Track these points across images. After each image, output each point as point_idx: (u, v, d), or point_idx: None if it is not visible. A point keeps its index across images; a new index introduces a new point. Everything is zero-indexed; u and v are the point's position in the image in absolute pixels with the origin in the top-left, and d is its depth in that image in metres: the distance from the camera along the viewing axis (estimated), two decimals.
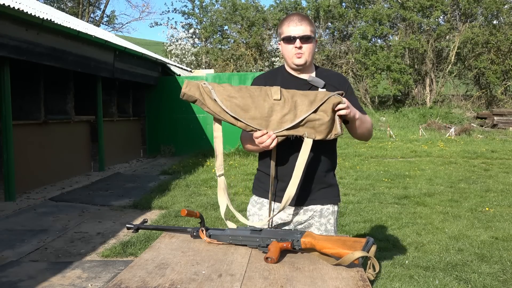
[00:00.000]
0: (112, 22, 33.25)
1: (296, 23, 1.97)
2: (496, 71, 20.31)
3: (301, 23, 1.97)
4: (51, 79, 8.74)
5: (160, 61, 13.18)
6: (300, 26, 1.96)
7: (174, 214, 5.65)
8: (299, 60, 1.99)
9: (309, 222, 2.04)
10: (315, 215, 2.04)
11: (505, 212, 5.63)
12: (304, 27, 1.96)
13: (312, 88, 1.99)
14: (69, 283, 3.64)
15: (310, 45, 1.98)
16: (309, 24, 1.98)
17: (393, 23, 21.76)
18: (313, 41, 2.01)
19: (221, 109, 1.69)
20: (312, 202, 2.02)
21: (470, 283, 3.45)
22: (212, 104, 1.71)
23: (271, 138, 1.68)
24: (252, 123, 1.68)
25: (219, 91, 1.71)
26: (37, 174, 7.84)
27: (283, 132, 1.69)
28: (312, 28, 2.00)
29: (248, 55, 22.49)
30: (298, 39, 1.96)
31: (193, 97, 1.73)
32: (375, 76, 20.49)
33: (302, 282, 1.32)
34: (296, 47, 1.96)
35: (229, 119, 1.70)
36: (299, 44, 1.96)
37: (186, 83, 1.74)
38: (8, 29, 6.41)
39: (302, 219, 2.04)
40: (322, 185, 2.03)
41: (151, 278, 1.37)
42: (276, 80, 2.05)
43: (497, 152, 11.44)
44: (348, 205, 6.05)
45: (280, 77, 2.07)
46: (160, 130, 12.88)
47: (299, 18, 1.98)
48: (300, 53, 1.98)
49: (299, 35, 1.96)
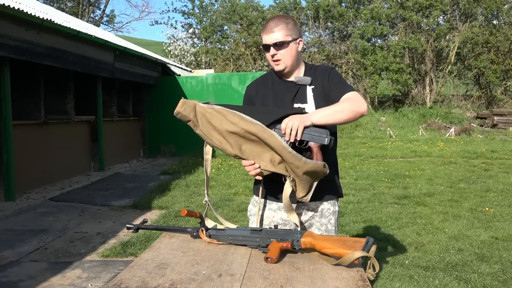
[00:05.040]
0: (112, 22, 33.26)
1: (268, 31, 1.95)
2: (496, 71, 20.30)
3: (273, 30, 1.93)
4: (51, 79, 8.73)
5: (160, 61, 13.18)
6: (272, 34, 1.93)
7: (174, 214, 5.65)
8: (278, 67, 1.99)
9: (310, 222, 2.05)
10: (316, 215, 2.04)
11: (505, 212, 5.63)
12: (276, 33, 1.93)
13: (301, 88, 2.01)
14: (69, 283, 3.64)
15: (286, 50, 1.95)
16: (283, 28, 1.94)
17: (392, 23, 21.75)
18: (290, 45, 1.95)
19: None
20: (311, 199, 2.02)
21: (470, 283, 3.45)
22: (206, 128, 1.74)
23: (255, 171, 1.74)
24: (243, 154, 1.73)
25: (216, 120, 1.72)
26: (37, 174, 7.84)
27: (269, 170, 1.73)
28: (289, 32, 1.94)
29: (247, 54, 22.49)
30: (272, 47, 1.94)
31: (186, 117, 1.75)
32: (373, 77, 20.48)
33: (302, 282, 1.33)
34: (270, 55, 1.96)
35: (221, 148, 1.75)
36: (273, 52, 1.95)
37: (182, 102, 1.75)
38: (8, 29, 6.41)
39: (303, 219, 2.04)
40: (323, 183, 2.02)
41: (151, 278, 1.37)
42: (267, 86, 2.08)
43: (497, 152, 11.44)
44: (348, 205, 6.05)
45: (270, 82, 2.08)
46: (160, 130, 12.87)
47: (273, 24, 1.95)
48: (277, 60, 1.96)
49: (272, 43, 1.94)
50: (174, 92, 12.74)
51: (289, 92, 2.02)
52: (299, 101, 2.01)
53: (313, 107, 1.98)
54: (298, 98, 2.01)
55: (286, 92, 2.02)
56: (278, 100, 2.02)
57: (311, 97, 2.00)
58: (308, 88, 2.01)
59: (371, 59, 20.15)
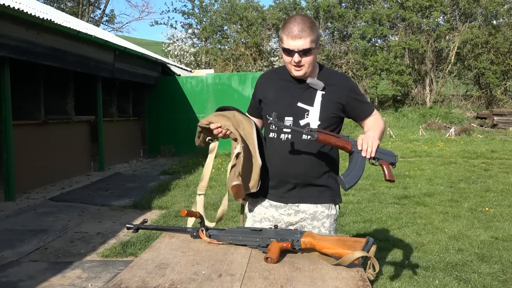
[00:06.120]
0: (112, 22, 33.26)
1: (295, 36, 1.85)
2: (496, 71, 20.30)
3: (300, 35, 1.84)
4: (51, 79, 8.73)
5: (160, 61, 13.18)
6: (299, 40, 1.85)
7: (174, 214, 5.65)
8: (298, 73, 1.94)
9: (300, 224, 2.03)
10: (307, 217, 2.02)
11: (505, 212, 5.63)
12: (303, 40, 1.85)
13: (310, 89, 1.99)
14: (69, 283, 3.64)
15: (310, 57, 1.89)
16: (310, 34, 1.86)
17: (392, 23, 21.75)
18: (314, 51, 1.91)
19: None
20: (302, 201, 2.02)
21: (470, 283, 3.45)
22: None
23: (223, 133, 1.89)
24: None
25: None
26: (37, 174, 7.84)
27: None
28: (314, 37, 1.87)
29: (247, 55, 22.49)
30: (297, 53, 1.87)
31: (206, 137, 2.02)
32: (373, 78, 20.49)
33: (302, 282, 1.33)
34: (294, 61, 1.89)
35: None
36: (297, 59, 1.87)
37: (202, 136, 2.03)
38: (8, 29, 6.41)
39: (294, 220, 2.03)
40: (315, 186, 2.01)
41: (151, 278, 1.37)
42: (275, 79, 2.07)
43: (497, 152, 11.43)
44: (348, 205, 6.05)
45: (281, 76, 2.06)
46: (160, 130, 12.87)
47: (300, 28, 1.85)
48: (299, 67, 1.91)
49: (298, 49, 1.86)
50: (174, 92, 12.75)
51: (296, 89, 1.99)
52: (305, 102, 1.97)
53: (318, 112, 1.96)
54: (305, 99, 1.98)
55: (293, 89, 2.00)
56: (283, 95, 2.00)
57: (319, 102, 1.97)
58: (318, 93, 1.98)
59: (372, 60, 20.16)
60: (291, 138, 1.96)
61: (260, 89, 2.11)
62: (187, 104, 12.68)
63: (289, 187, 2.00)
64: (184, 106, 12.64)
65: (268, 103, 2.05)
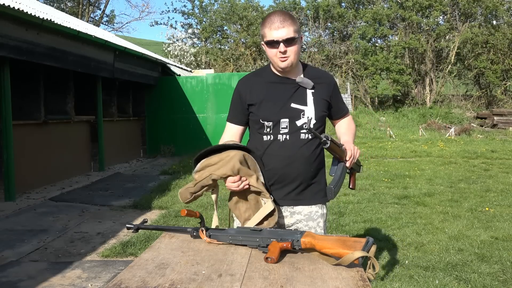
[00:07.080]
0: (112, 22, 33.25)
1: (278, 25, 1.86)
2: (496, 71, 20.30)
3: (283, 25, 1.86)
4: (51, 79, 8.73)
5: (160, 61, 13.18)
6: (282, 30, 1.86)
7: (174, 214, 5.65)
8: (284, 64, 1.92)
9: (296, 226, 2.03)
10: (303, 219, 2.03)
11: (505, 212, 5.63)
12: (287, 29, 1.86)
13: (300, 89, 1.98)
14: (69, 283, 3.64)
15: (295, 46, 1.90)
16: (291, 24, 1.88)
17: (392, 23, 21.75)
18: (298, 41, 1.92)
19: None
20: (299, 203, 2.02)
21: (470, 283, 3.45)
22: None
23: (243, 184, 1.79)
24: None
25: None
26: (37, 174, 7.84)
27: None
28: (295, 27, 1.89)
29: (247, 55, 22.49)
30: (282, 43, 1.87)
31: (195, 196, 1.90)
32: (374, 77, 20.49)
33: (302, 282, 1.32)
34: (280, 52, 1.88)
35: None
36: (283, 49, 1.87)
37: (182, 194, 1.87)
38: (8, 29, 6.41)
39: (290, 222, 2.03)
40: (309, 186, 2.01)
41: (151, 278, 1.37)
42: (262, 82, 2.02)
43: (497, 152, 11.44)
44: (348, 205, 6.05)
45: (266, 78, 2.02)
46: (160, 130, 12.87)
47: (281, 19, 1.87)
48: (285, 57, 1.90)
49: (282, 39, 1.86)
50: (174, 92, 12.76)
51: (286, 90, 1.98)
52: (298, 102, 1.96)
53: (313, 110, 1.96)
54: (297, 99, 1.97)
55: (282, 90, 1.98)
56: (274, 97, 1.98)
57: (311, 100, 1.97)
58: (308, 91, 1.98)
59: (372, 60, 20.16)
60: (289, 139, 1.95)
61: (245, 94, 2.02)
62: (187, 104, 12.69)
63: (287, 190, 1.99)
64: (184, 106, 12.65)
65: (260, 107, 1.98)
